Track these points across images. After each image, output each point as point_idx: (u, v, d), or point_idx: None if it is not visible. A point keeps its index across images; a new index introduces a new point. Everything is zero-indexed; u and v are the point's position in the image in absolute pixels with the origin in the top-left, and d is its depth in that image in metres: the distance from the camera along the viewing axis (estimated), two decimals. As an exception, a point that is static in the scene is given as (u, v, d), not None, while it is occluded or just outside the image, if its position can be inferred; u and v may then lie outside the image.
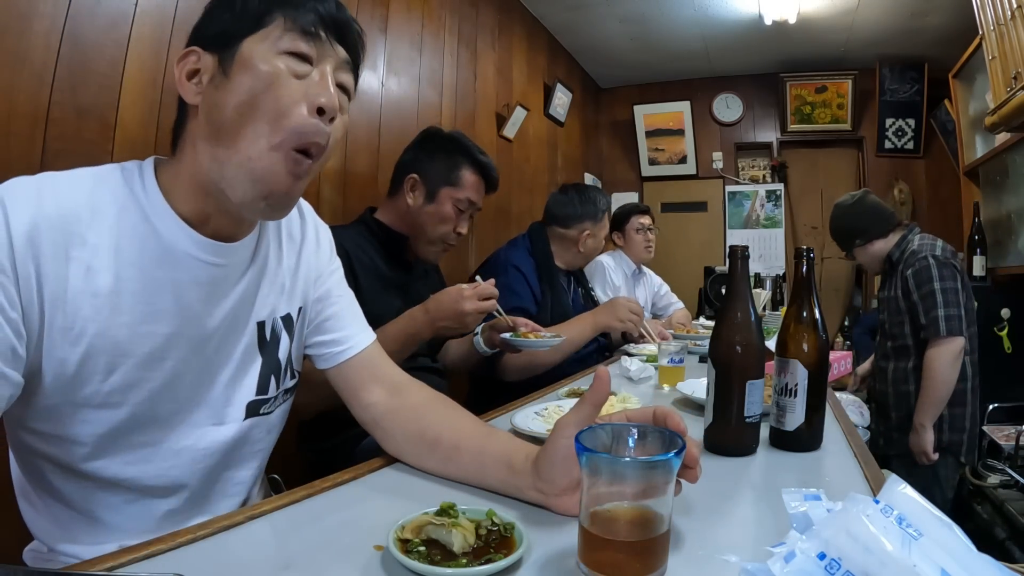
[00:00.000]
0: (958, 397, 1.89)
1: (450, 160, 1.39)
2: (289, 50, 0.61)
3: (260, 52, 0.61)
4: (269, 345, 0.76)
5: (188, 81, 0.63)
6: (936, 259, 1.85)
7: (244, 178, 0.61)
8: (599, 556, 0.47)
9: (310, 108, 0.61)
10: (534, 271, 1.89)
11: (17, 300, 0.55)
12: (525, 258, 1.91)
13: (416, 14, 2.29)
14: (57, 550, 0.68)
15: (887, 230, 2.03)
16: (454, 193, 1.38)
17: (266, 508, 0.62)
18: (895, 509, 0.40)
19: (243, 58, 0.61)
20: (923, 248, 1.90)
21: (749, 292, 0.87)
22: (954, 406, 1.90)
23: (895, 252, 2.00)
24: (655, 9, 3.28)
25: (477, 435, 0.73)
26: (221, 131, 0.61)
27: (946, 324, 1.80)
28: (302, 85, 0.61)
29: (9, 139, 1.00)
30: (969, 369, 1.91)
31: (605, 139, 4.63)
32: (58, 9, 1.07)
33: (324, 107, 0.61)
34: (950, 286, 1.82)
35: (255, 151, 0.60)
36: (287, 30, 0.61)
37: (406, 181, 1.39)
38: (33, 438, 0.64)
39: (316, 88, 0.62)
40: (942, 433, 1.90)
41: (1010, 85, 2.08)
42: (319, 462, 1.24)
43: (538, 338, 1.37)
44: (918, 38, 3.45)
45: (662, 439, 0.51)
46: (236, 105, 0.60)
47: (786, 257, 4.17)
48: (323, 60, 0.63)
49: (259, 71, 0.60)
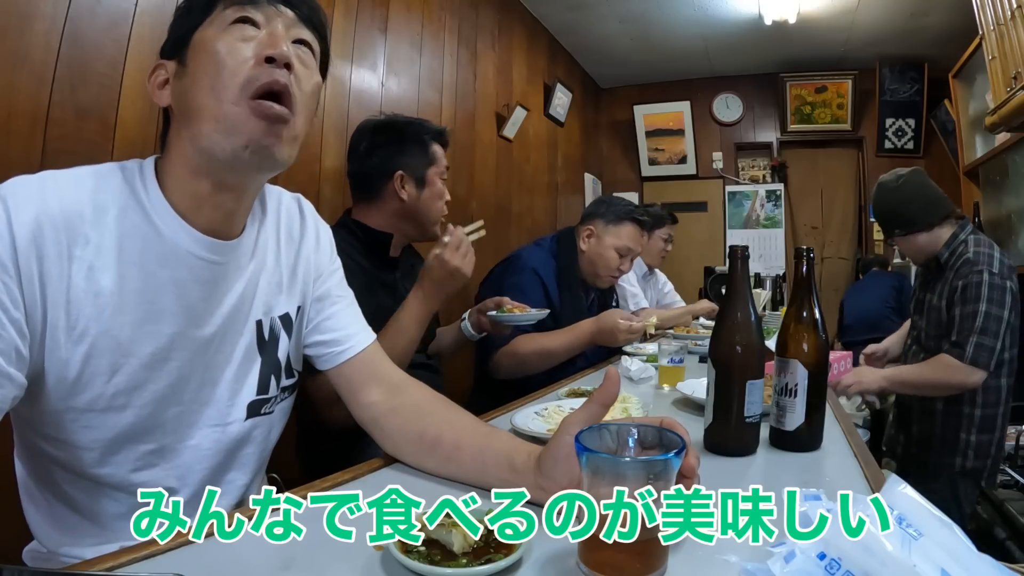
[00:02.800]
0: (988, 423, 1.69)
1: (419, 143, 1.43)
2: (234, 19, 0.63)
3: (209, 34, 0.63)
4: (268, 344, 0.76)
5: (160, 90, 0.67)
6: (992, 276, 1.62)
7: (220, 136, 0.62)
8: (599, 556, 0.47)
9: (257, 60, 0.62)
10: (554, 275, 1.84)
11: (20, 300, 0.55)
12: (547, 260, 1.86)
13: (416, 14, 2.29)
14: (57, 551, 0.68)
15: (933, 223, 1.77)
16: (437, 169, 1.44)
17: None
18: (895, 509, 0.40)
19: (195, 45, 0.64)
20: (980, 259, 1.66)
21: (749, 292, 0.87)
22: (983, 432, 1.70)
23: (944, 252, 1.75)
24: (655, 9, 3.28)
25: (478, 434, 0.73)
26: (191, 109, 0.63)
27: (975, 352, 1.59)
28: (251, 46, 0.63)
29: (9, 139, 1.00)
30: (1004, 394, 1.70)
31: (605, 139, 4.63)
32: (58, 9, 1.07)
33: (272, 55, 0.62)
34: (995, 312, 1.60)
35: (220, 111, 0.61)
36: (228, 6, 0.64)
37: (394, 180, 1.38)
38: (43, 443, 0.64)
39: (264, 42, 0.63)
40: (966, 459, 1.72)
41: (1010, 85, 2.08)
42: (319, 462, 1.24)
43: (523, 312, 1.40)
44: (918, 38, 3.45)
45: (662, 439, 0.52)
46: (196, 82, 0.62)
47: (786, 257, 4.17)
48: (271, 22, 0.65)
49: (210, 48, 0.62)
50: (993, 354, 1.59)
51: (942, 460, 1.75)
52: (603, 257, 1.88)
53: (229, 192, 0.67)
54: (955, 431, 1.72)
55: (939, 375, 1.66)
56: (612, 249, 1.87)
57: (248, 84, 0.61)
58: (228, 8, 0.64)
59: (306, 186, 1.48)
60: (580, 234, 1.92)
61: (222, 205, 0.67)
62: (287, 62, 0.63)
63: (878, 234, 4.12)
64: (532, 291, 1.74)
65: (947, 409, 1.74)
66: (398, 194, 1.39)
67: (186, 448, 0.69)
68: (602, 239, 1.88)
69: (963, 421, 1.71)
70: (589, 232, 1.91)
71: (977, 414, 1.69)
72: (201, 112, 0.62)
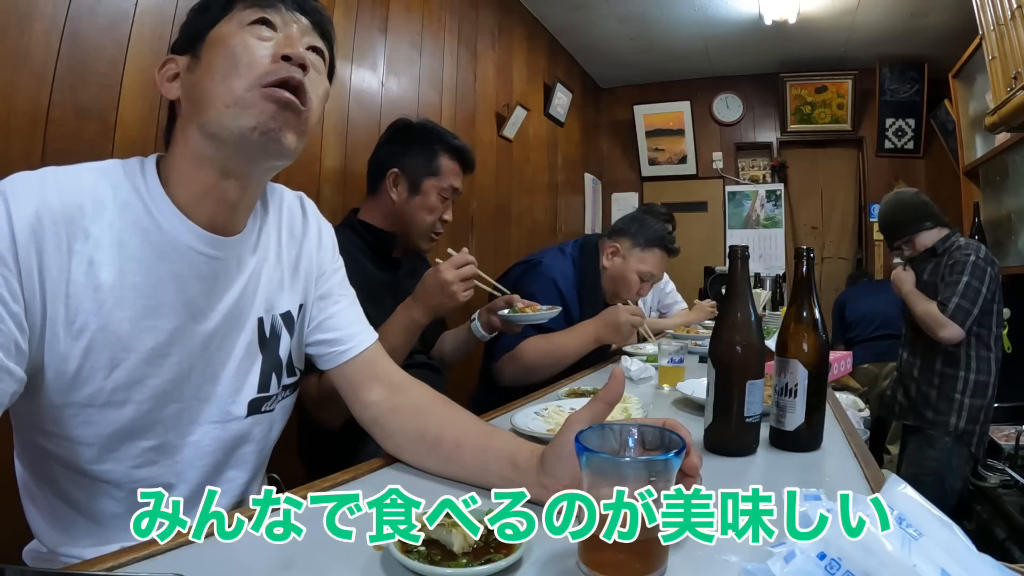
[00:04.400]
0: (980, 389, 1.98)
1: (427, 150, 1.39)
2: (253, 20, 0.65)
3: (227, 31, 0.65)
4: (269, 342, 0.76)
5: (169, 83, 0.67)
6: (978, 259, 1.95)
7: (229, 117, 0.62)
8: (599, 556, 0.47)
9: (274, 58, 0.64)
10: (574, 285, 1.77)
11: (20, 294, 0.56)
12: (568, 267, 1.79)
13: (416, 14, 2.29)
14: (57, 551, 0.68)
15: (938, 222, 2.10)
16: (437, 183, 1.39)
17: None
18: (895, 509, 0.40)
19: (212, 40, 0.65)
20: (969, 247, 2.00)
21: (749, 292, 0.87)
22: (975, 396, 1.98)
23: (940, 245, 2.08)
24: (655, 9, 3.28)
25: (480, 433, 0.73)
26: (203, 97, 0.64)
27: (954, 310, 1.90)
28: (267, 45, 0.65)
29: (9, 138, 1.00)
30: (994, 366, 2.00)
31: (605, 139, 4.63)
32: (58, 9, 1.07)
33: (289, 55, 0.64)
34: (975, 285, 1.92)
35: (231, 97, 0.62)
36: (248, 7, 0.65)
37: (388, 176, 1.38)
38: (43, 439, 0.64)
39: (281, 43, 0.65)
40: (959, 419, 1.99)
41: (1010, 85, 2.08)
42: (319, 462, 1.24)
43: (535, 312, 1.37)
44: (918, 38, 3.45)
45: (662, 439, 0.51)
46: (210, 72, 0.63)
47: (786, 257, 4.17)
48: (287, 26, 0.67)
49: (227, 43, 0.64)
50: (968, 316, 1.91)
51: (937, 418, 2.04)
52: (625, 279, 1.79)
53: (233, 180, 0.67)
54: (951, 391, 2.02)
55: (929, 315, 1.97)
56: (635, 273, 1.79)
57: (262, 76, 0.63)
58: (247, 8, 0.65)
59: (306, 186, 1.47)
60: (605, 249, 1.83)
61: (225, 197, 0.67)
62: (302, 63, 0.64)
63: (878, 234, 4.12)
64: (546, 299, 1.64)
65: (944, 371, 2.04)
66: (389, 192, 1.38)
67: (186, 445, 0.69)
68: (627, 260, 1.80)
69: (959, 383, 2.01)
70: (615, 250, 1.82)
71: (971, 379, 1.99)
72: (213, 98, 0.63)
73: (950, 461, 2.01)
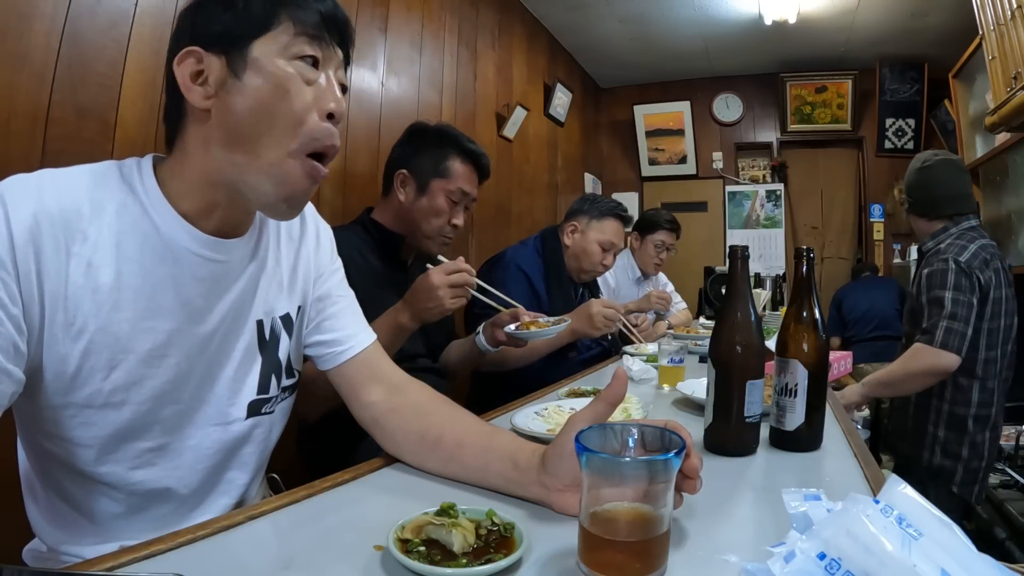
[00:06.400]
0: (955, 421, 1.66)
1: (438, 152, 1.38)
2: (299, 55, 0.63)
3: (273, 58, 0.62)
4: (269, 344, 0.76)
5: (194, 84, 0.62)
6: (958, 264, 1.60)
7: (266, 183, 0.63)
8: (599, 556, 0.47)
9: (321, 114, 0.64)
10: (541, 273, 1.87)
11: (18, 296, 0.56)
12: (532, 258, 1.89)
13: (416, 14, 2.29)
14: (57, 550, 0.68)
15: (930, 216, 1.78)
16: (445, 185, 1.37)
17: (266, 508, 0.62)
18: (895, 509, 0.40)
19: (256, 63, 0.62)
20: (949, 250, 1.65)
21: (749, 292, 0.87)
22: (950, 429, 1.67)
23: (928, 242, 1.76)
24: (655, 9, 3.28)
25: (481, 433, 0.73)
26: (239, 137, 0.62)
27: (944, 336, 1.57)
28: (312, 91, 0.64)
29: (9, 139, 1.00)
30: (976, 395, 1.64)
31: (605, 139, 4.63)
32: (58, 9, 1.07)
33: (334, 112, 0.64)
34: (964, 299, 1.58)
35: (275, 157, 0.62)
36: (296, 34, 0.63)
37: (396, 177, 1.38)
38: (43, 439, 0.64)
39: (325, 94, 0.64)
40: (933, 455, 1.70)
41: (1010, 85, 2.08)
42: (319, 462, 1.24)
43: (541, 327, 1.36)
44: (918, 38, 3.45)
45: (662, 439, 0.51)
46: (252, 111, 0.62)
47: (786, 257, 4.17)
48: (328, 63, 0.66)
49: (273, 77, 0.62)
50: (964, 339, 1.56)
51: (911, 453, 1.76)
52: (587, 252, 1.94)
53: (243, 207, 0.69)
54: (923, 423, 1.72)
55: (911, 365, 1.63)
56: (596, 243, 1.94)
57: (309, 141, 0.63)
58: (295, 36, 0.62)
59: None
60: (564, 230, 1.98)
61: (233, 216, 0.69)
62: (341, 119, 0.66)
63: (878, 234, 4.13)
64: (516, 286, 1.74)
65: (918, 401, 1.74)
66: (397, 193, 1.39)
67: (186, 447, 0.69)
68: (586, 234, 1.95)
69: (930, 414, 1.70)
70: (573, 228, 1.98)
71: (945, 408, 1.67)
72: (256, 147, 0.62)
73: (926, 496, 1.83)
